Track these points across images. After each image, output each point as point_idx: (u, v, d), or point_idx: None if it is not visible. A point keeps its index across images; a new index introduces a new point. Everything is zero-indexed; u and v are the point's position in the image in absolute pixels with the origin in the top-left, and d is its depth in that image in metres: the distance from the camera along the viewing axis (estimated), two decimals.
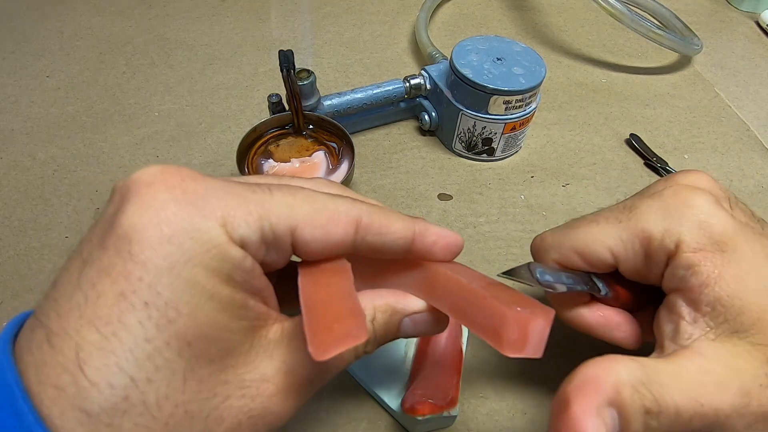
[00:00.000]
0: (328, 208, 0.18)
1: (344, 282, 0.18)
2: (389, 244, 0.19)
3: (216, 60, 0.52)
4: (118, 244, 0.15)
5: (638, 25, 0.49)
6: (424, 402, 0.26)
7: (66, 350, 0.14)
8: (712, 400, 0.18)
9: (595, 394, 0.17)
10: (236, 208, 0.16)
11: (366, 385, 0.29)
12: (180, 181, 0.16)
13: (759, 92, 0.54)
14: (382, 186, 0.41)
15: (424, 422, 0.26)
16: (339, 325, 0.17)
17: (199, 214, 0.16)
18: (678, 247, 0.20)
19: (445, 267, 0.21)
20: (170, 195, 0.16)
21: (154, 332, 0.15)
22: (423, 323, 0.21)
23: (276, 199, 0.17)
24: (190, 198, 0.16)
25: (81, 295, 0.15)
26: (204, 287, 0.15)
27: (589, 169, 0.44)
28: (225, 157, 0.42)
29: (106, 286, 0.15)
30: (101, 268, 0.15)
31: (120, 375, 0.14)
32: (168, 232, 0.15)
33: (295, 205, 0.17)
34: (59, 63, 0.50)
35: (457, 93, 0.41)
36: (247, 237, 0.16)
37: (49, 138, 0.43)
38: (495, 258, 0.37)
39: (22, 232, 0.36)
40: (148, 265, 0.15)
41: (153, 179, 0.16)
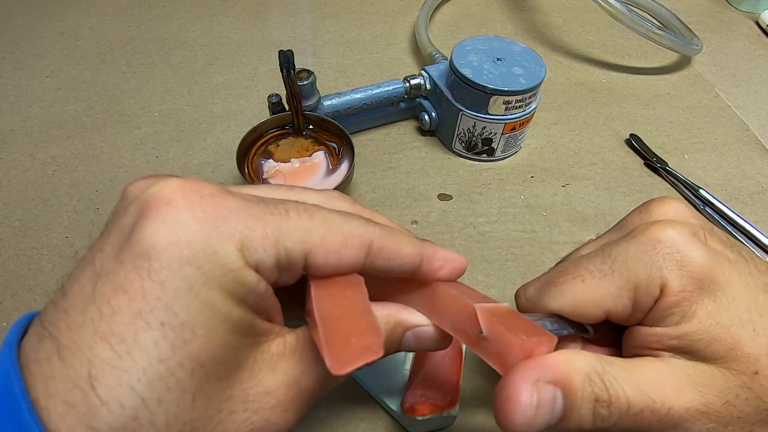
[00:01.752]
0: (342, 231, 0.18)
1: (360, 296, 0.19)
2: (396, 268, 0.20)
3: (216, 60, 0.52)
4: (137, 261, 0.15)
5: (638, 26, 0.49)
6: (424, 402, 0.26)
7: (77, 366, 0.14)
8: (665, 399, 0.18)
9: (537, 369, 0.18)
10: (254, 231, 0.16)
11: (366, 385, 0.29)
12: (200, 198, 0.16)
13: (759, 92, 0.54)
14: (382, 186, 0.41)
15: (423, 422, 0.26)
16: (357, 339, 0.17)
17: (218, 236, 0.16)
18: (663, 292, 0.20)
19: (449, 286, 0.21)
20: (190, 213, 0.16)
21: (169, 353, 0.15)
22: (426, 338, 0.21)
23: (292, 223, 0.17)
24: (210, 218, 0.16)
25: (95, 309, 0.15)
26: (219, 310, 0.16)
27: (589, 169, 0.44)
28: (225, 157, 0.42)
29: (123, 303, 0.15)
30: (117, 284, 0.15)
31: (131, 395, 0.14)
32: (187, 253, 0.15)
33: (311, 229, 0.18)
34: (59, 63, 0.50)
35: (457, 93, 0.41)
36: (262, 262, 0.17)
37: (49, 138, 0.43)
38: (495, 258, 0.37)
39: (22, 232, 0.36)
40: (167, 285, 0.15)
41: (173, 196, 0.16)
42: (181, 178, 0.17)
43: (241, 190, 0.18)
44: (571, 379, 0.18)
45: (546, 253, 0.37)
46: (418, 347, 0.21)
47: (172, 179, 0.16)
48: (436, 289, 0.21)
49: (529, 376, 0.18)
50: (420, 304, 0.21)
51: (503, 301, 0.34)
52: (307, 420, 0.28)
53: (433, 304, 0.21)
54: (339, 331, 0.17)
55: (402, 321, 0.20)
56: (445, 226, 0.38)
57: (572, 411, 0.18)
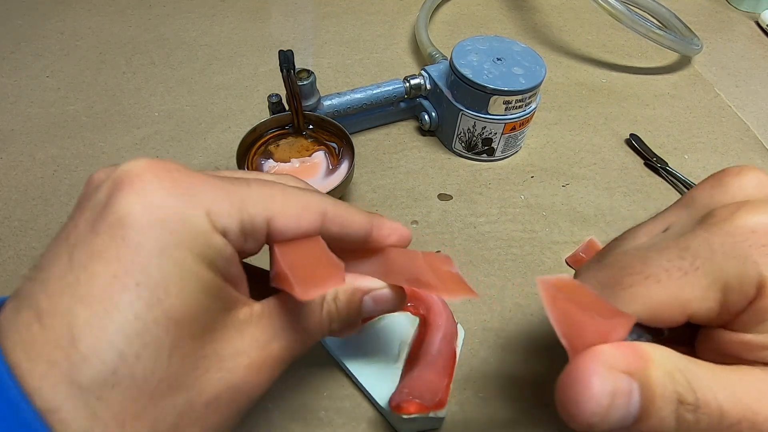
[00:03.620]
0: (299, 200, 0.20)
1: (320, 245, 0.21)
2: (350, 234, 0.22)
3: (216, 60, 0.52)
4: (112, 230, 0.16)
5: (638, 25, 0.49)
6: (411, 401, 0.26)
7: (58, 327, 0.15)
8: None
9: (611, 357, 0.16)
10: (219, 199, 0.18)
11: (358, 381, 0.29)
12: (167, 172, 0.17)
13: (759, 92, 0.54)
14: (382, 186, 0.41)
15: (409, 421, 0.26)
16: (321, 271, 0.20)
17: (187, 204, 0.17)
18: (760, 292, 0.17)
19: (397, 250, 0.23)
20: (160, 185, 0.17)
21: (144, 311, 0.15)
22: (383, 300, 0.23)
23: (254, 192, 0.19)
24: (179, 188, 0.17)
25: (73, 276, 0.16)
26: (191, 269, 0.17)
27: (589, 169, 0.44)
28: (225, 158, 0.42)
29: (99, 268, 0.16)
30: (93, 251, 0.16)
31: (111, 350, 0.15)
32: (160, 217, 0.16)
33: (271, 196, 0.19)
34: (59, 63, 0.50)
35: (457, 93, 0.41)
36: (228, 227, 0.18)
37: (49, 138, 0.43)
38: (495, 258, 0.37)
39: (22, 232, 0.36)
40: (140, 248, 0.16)
41: (143, 171, 0.17)
42: (150, 158, 0.18)
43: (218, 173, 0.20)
44: (650, 372, 0.16)
45: (546, 253, 0.37)
46: (376, 310, 0.23)
47: (140, 158, 0.18)
48: (387, 253, 0.23)
49: (600, 362, 0.16)
50: (375, 270, 0.23)
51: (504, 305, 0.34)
52: (307, 419, 0.28)
53: (386, 266, 0.23)
54: (304, 267, 0.19)
55: (359, 287, 0.22)
56: (445, 226, 0.38)
57: (651, 410, 0.16)
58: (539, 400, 0.30)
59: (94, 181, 0.19)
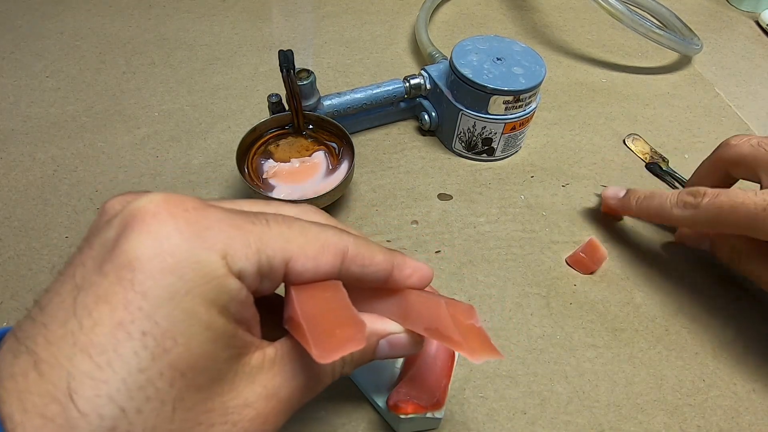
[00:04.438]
0: (319, 239, 0.19)
1: (339, 295, 0.19)
2: (370, 275, 0.21)
3: (216, 60, 0.52)
4: (120, 273, 0.15)
5: (638, 25, 0.49)
6: (408, 401, 0.26)
7: (56, 379, 0.14)
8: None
9: None
10: (236, 240, 0.17)
11: (356, 381, 0.29)
12: (183, 211, 0.16)
13: (759, 92, 0.54)
14: (382, 186, 0.41)
15: (407, 421, 0.26)
16: (341, 331, 0.18)
17: (202, 246, 0.16)
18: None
19: (418, 293, 0.22)
20: (174, 226, 0.16)
21: (149, 362, 0.15)
22: (399, 345, 0.22)
23: (273, 232, 0.18)
24: (194, 229, 0.16)
25: (75, 322, 0.15)
26: (201, 318, 0.16)
27: (589, 169, 0.44)
28: (225, 157, 0.42)
29: (104, 314, 0.15)
30: (99, 295, 0.15)
31: (111, 406, 0.14)
32: (171, 262, 0.15)
33: (290, 237, 0.18)
34: (59, 63, 0.50)
35: (457, 93, 0.41)
36: (245, 269, 0.17)
37: (49, 138, 0.43)
38: (495, 258, 0.37)
39: (22, 232, 0.36)
40: (149, 294, 0.15)
41: (157, 209, 0.16)
42: (164, 192, 0.17)
43: (221, 204, 0.18)
44: None
45: (546, 252, 0.37)
46: (391, 354, 0.22)
47: (155, 193, 0.17)
48: (407, 295, 0.22)
49: None
50: (392, 312, 0.22)
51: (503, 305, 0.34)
52: (307, 419, 0.28)
53: (405, 310, 0.22)
54: (322, 324, 0.18)
55: (376, 330, 0.21)
56: (445, 226, 0.38)
57: None
58: (539, 400, 0.30)
59: (107, 212, 0.18)
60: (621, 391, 0.30)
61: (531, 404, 0.30)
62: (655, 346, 0.33)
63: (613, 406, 0.30)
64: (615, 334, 0.33)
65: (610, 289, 0.35)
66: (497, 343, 0.32)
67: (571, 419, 0.29)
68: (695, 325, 0.34)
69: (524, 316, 0.33)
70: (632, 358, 0.32)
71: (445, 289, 0.34)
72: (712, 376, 0.32)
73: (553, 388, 0.30)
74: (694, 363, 0.32)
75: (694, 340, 0.33)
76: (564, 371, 0.31)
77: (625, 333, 0.33)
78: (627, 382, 0.31)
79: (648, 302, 0.35)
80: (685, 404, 0.30)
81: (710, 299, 0.35)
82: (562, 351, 0.32)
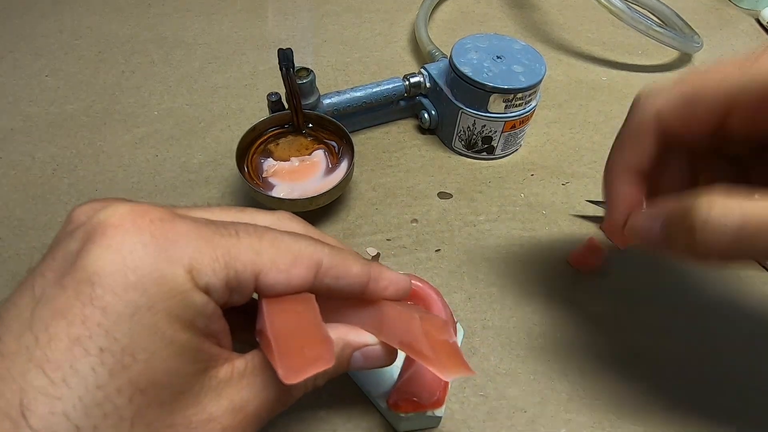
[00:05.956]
0: (291, 251, 0.18)
1: (310, 311, 0.19)
2: (345, 287, 0.20)
3: (215, 59, 0.52)
4: (79, 287, 0.15)
5: (638, 23, 0.49)
6: (408, 399, 0.26)
7: (9, 395, 0.14)
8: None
9: None
10: (203, 254, 0.16)
11: (356, 380, 0.29)
12: (148, 222, 0.16)
13: None
14: (382, 184, 0.41)
15: (407, 420, 0.26)
16: (309, 350, 0.18)
17: (166, 260, 0.16)
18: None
19: (393, 305, 0.22)
20: (138, 239, 0.16)
21: (106, 379, 0.14)
22: (373, 356, 0.21)
23: (242, 244, 0.17)
24: (159, 242, 0.16)
25: (31, 336, 0.14)
26: (164, 334, 0.15)
27: (590, 167, 0.44)
28: (224, 156, 0.42)
29: (60, 329, 0.14)
30: (56, 309, 0.15)
31: (65, 424, 0.14)
32: (133, 279, 0.15)
33: (261, 250, 0.18)
34: (58, 62, 0.50)
35: (457, 91, 0.41)
36: (212, 284, 0.17)
37: (49, 137, 0.43)
38: (494, 257, 0.37)
39: (21, 231, 0.36)
40: (109, 310, 0.15)
41: (121, 222, 0.16)
42: (131, 202, 0.16)
43: (191, 213, 0.18)
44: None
45: (546, 251, 0.37)
46: (365, 366, 0.21)
47: (122, 204, 0.16)
48: (382, 307, 0.21)
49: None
50: (367, 323, 0.22)
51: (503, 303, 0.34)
52: (307, 418, 0.28)
53: (380, 322, 0.21)
54: (291, 343, 0.18)
55: (350, 342, 0.21)
56: (445, 225, 0.38)
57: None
58: (538, 398, 0.30)
59: (72, 221, 0.18)
60: (622, 390, 0.30)
61: (531, 402, 0.30)
62: (656, 345, 0.33)
63: (613, 404, 0.30)
64: (615, 332, 0.33)
65: (610, 287, 0.35)
66: (497, 341, 0.32)
67: (572, 417, 0.29)
68: (697, 321, 0.34)
69: (524, 315, 0.33)
70: (633, 356, 0.32)
71: (444, 287, 0.34)
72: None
73: (554, 387, 0.30)
74: (694, 360, 0.32)
75: (698, 336, 0.33)
76: (564, 370, 0.31)
77: (626, 332, 0.33)
78: (628, 381, 0.31)
79: (648, 301, 0.35)
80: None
81: (711, 296, 0.35)
82: (562, 349, 0.32)
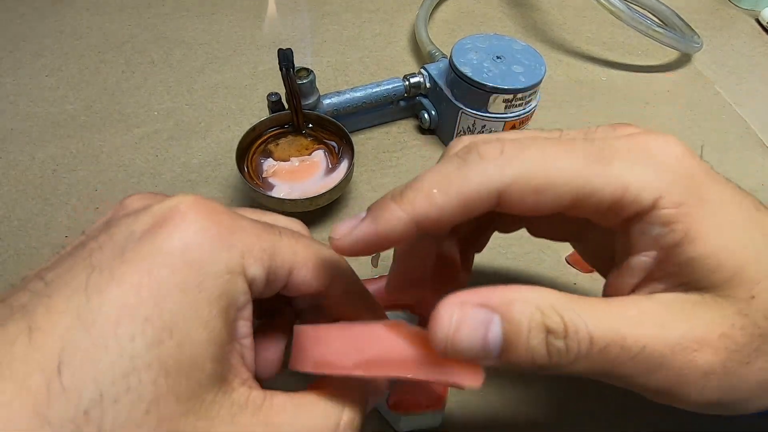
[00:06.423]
0: (319, 254, 0.20)
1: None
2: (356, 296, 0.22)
3: (215, 59, 0.52)
4: (141, 261, 0.15)
5: (638, 23, 0.49)
6: (408, 400, 0.26)
7: (48, 348, 0.14)
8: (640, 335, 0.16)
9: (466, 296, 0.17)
10: (255, 245, 0.18)
11: None
12: (214, 214, 0.17)
13: (759, 90, 0.54)
14: (382, 185, 0.41)
15: (407, 420, 0.26)
16: None
17: (226, 246, 0.17)
18: (656, 203, 0.17)
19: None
20: (203, 224, 0.17)
21: (142, 350, 0.14)
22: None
23: (284, 243, 0.19)
24: (221, 230, 0.17)
25: (84, 297, 0.15)
26: (202, 313, 0.16)
27: None
28: (224, 156, 0.42)
29: (114, 295, 0.15)
30: (114, 277, 0.15)
31: (92, 387, 0.14)
32: (192, 257, 0.16)
33: (297, 250, 0.20)
34: (58, 62, 0.50)
35: (457, 91, 0.41)
36: (257, 273, 0.18)
37: (49, 137, 0.43)
38: (494, 256, 0.37)
39: (21, 231, 0.36)
40: (163, 283, 0.15)
41: (188, 209, 0.17)
42: (195, 194, 0.18)
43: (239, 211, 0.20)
44: (513, 306, 0.17)
45: (546, 251, 0.37)
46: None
47: (187, 195, 0.18)
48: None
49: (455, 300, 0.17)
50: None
51: None
52: None
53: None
54: None
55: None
56: None
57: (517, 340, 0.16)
58: (538, 395, 0.30)
59: (126, 206, 0.19)
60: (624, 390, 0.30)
61: (533, 405, 0.30)
62: None
63: (614, 402, 0.30)
64: None
65: None
66: None
67: (574, 419, 0.29)
68: None
69: None
70: None
71: None
72: None
73: (556, 385, 0.30)
74: None
75: None
76: None
77: None
78: None
79: None
80: None
81: None
82: None
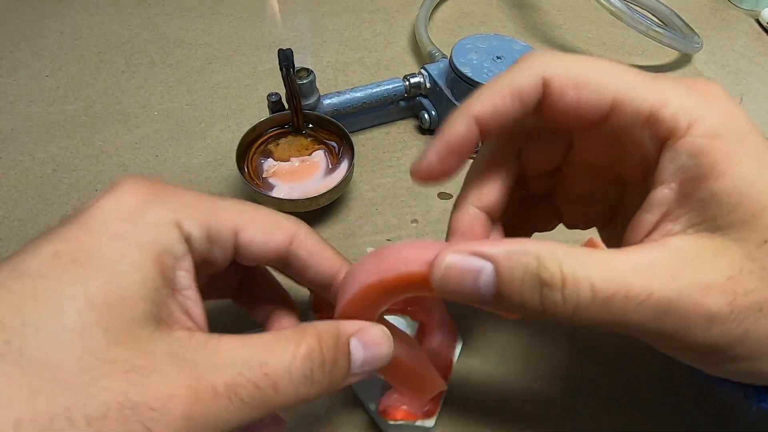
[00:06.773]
0: (271, 218, 0.21)
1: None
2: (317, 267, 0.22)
3: (215, 59, 0.52)
4: (80, 221, 0.17)
5: (638, 23, 0.49)
6: (398, 407, 0.26)
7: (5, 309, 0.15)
8: (648, 283, 0.16)
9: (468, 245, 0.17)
10: (190, 206, 0.19)
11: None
12: (149, 184, 0.19)
13: (759, 90, 0.54)
14: (382, 185, 0.41)
15: (395, 427, 0.26)
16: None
17: (157, 204, 0.18)
18: (690, 128, 0.17)
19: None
20: (138, 190, 0.18)
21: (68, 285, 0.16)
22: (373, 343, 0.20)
23: (226, 203, 0.20)
24: (155, 193, 0.19)
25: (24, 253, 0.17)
26: (132, 258, 0.17)
27: None
28: (224, 156, 0.42)
29: (46, 248, 0.16)
30: (53, 236, 0.17)
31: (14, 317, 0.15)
32: (125, 214, 0.18)
33: (243, 210, 0.20)
34: (58, 62, 0.50)
35: (457, 92, 0.41)
36: (193, 231, 0.19)
37: (49, 137, 0.43)
38: None
39: (22, 231, 0.36)
40: (94, 233, 0.17)
41: (126, 181, 0.19)
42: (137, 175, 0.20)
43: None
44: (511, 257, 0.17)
45: None
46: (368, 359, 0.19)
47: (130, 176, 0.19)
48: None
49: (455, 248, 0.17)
50: None
51: None
52: (307, 416, 0.28)
53: None
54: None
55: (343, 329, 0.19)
56: (445, 225, 0.38)
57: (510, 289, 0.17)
58: (538, 392, 0.30)
59: None
60: (623, 390, 0.30)
61: (530, 411, 0.29)
62: None
63: (614, 403, 0.30)
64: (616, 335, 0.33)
65: None
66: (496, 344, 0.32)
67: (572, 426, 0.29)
68: None
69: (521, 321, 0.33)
70: (634, 356, 0.32)
71: None
72: None
73: (554, 388, 0.30)
74: None
75: None
76: (566, 370, 0.31)
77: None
78: (629, 380, 0.31)
79: None
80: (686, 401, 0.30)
81: None
82: (561, 351, 0.32)
